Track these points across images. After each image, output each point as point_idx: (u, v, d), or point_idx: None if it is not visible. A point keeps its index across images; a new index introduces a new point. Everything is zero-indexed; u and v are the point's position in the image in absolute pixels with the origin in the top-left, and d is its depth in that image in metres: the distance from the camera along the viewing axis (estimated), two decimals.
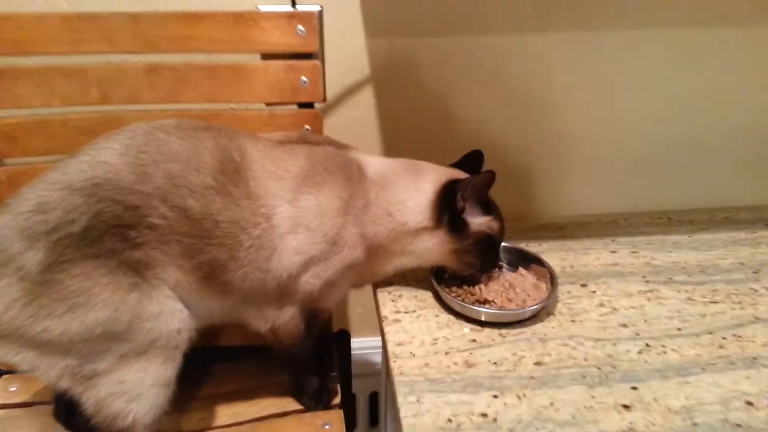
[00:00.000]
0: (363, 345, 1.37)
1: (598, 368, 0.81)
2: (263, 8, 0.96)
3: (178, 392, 0.84)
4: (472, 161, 0.96)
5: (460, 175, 0.93)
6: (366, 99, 1.15)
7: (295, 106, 1.01)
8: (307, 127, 1.01)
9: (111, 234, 0.75)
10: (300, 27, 0.95)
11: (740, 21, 1.13)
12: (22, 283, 0.72)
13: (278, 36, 0.96)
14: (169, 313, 0.79)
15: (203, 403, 1.02)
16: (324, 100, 1.03)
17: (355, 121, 1.15)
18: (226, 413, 1.00)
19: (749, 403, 0.75)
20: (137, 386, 0.79)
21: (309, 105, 1.01)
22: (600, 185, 1.26)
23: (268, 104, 1.01)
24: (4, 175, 0.97)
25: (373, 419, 1.55)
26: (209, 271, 0.80)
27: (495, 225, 0.92)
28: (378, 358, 1.43)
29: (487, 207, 0.92)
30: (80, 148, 0.90)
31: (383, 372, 1.24)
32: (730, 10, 1.11)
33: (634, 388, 0.77)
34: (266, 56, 0.99)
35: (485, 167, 0.95)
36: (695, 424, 0.72)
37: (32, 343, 0.74)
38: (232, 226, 0.79)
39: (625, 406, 0.74)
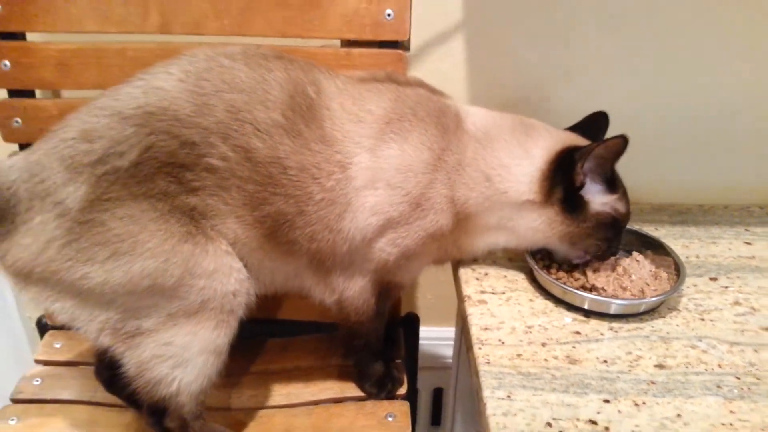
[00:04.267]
0: (430, 335, 1.29)
1: (737, 377, 0.70)
2: None
3: (228, 365, 0.80)
4: (593, 125, 0.86)
5: (579, 141, 0.82)
6: (457, 49, 1.05)
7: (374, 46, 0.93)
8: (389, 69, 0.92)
9: (164, 173, 0.70)
10: None
11: None
12: (61, 220, 0.68)
13: None
14: (226, 271, 0.74)
15: (255, 380, 1.00)
16: (407, 47, 0.94)
17: (442, 76, 1.04)
18: (279, 393, 0.97)
19: None
20: (185, 351, 0.75)
21: (392, 45, 0.93)
22: (732, 170, 1.12)
23: (344, 42, 0.93)
24: (56, 108, 0.94)
25: (435, 418, 1.48)
26: (273, 227, 0.75)
27: (621, 206, 0.81)
28: (445, 351, 1.35)
29: (613, 183, 0.80)
30: None
31: (454, 365, 1.18)
32: None
33: None
34: None
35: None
36: None
37: (71, 290, 0.70)
38: (302, 174, 0.73)
39: None
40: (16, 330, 1.34)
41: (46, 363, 1.03)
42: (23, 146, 0.96)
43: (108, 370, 0.87)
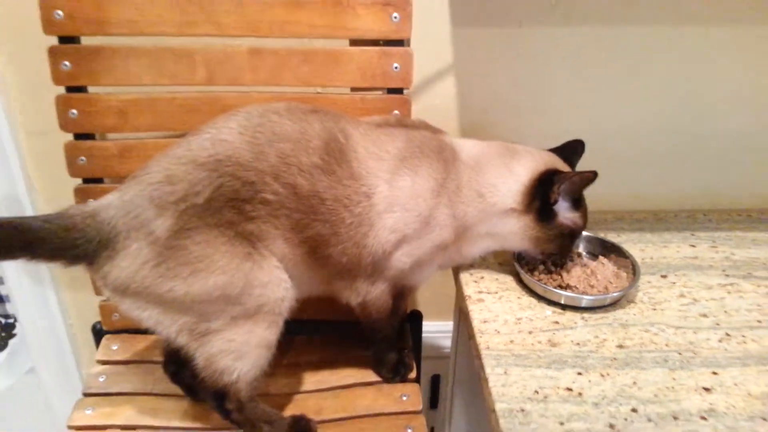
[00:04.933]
0: (428, 328, 1.43)
1: (679, 353, 0.89)
2: None
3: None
4: (571, 149, 1.05)
5: (557, 162, 1.01)
6: (447, 88, 1.22)
7: (383, 91, 1.12)
8: (396, 111, 1.11)
9: (230, 206, 0.86)
10: (395, 14, 1.05)
11: None
12: (153, 246, 0.84)
13: (373, 22, 1.06)
14: (276, 282, 0.91)
15: (288, 371, 1.16)
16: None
17: (435, 110, 1.22)
18: (309, 380, 1.14)
19: None
20: (244, 346, 0.91)
21: (397, 90, 1.11)
22: (678, 180, 1.33)
23: (354, 89, 1.12)
24: (116, 148, 1.11)
25: (433, 402, 1.66)
26: (313, 245, 0.92)
27: (580, 221, 1.01)
28: (442, 342, 1.53)
29: (578, 202, 1.00)
30: (184, 124, 1.05)
31: (452, 354, 1.34)
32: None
33: (715, 373, 0.86)
34: (355, 42, 1.10)
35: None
36: None
37: (158, 301, 0.87)
38: (336, 204, 0.90)
39: (706, 389, 0.83)
40: (60, 336, 1.51)
41: (105, 362, 1.19)
42: (87, 180, 1.13)
43: (174, 365, 1.05)
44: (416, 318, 1.30)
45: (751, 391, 0.83)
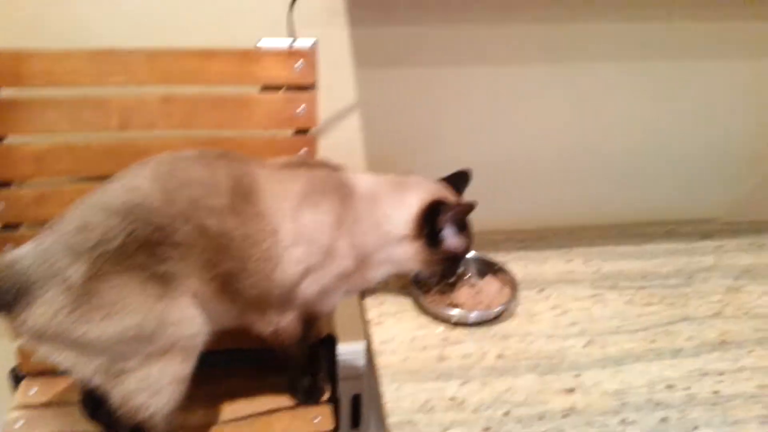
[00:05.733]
0: (345, 350, 1.46)
1: (549, 360, 1.02)
2: (265, 45, 1.15)
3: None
4: (459, 178, 1.16)
5: (445, 192, 1.12)
6: (352, 125, 1.32)
7: (291, 131, 1.20)
8: (304, 149, 1.20)
9: (142, 250, 0.92)
10: (299, 62, 1.15)
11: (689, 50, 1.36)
12: (68, 293, 0.88)
13: (279, 70, 1.15)
14: (189, 319, 0.95)
15: (205, 402, 1.16)
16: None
17: (342, 146, 1.32)
18: (226, 410, 1.16)
19: (670, 386, 0.97)
20: (158, 382, 0.94)
21: (304, 131, 1.20)
22: (559, 200, 1.48)
23: (265, 129, 1.20)
24: (32, 195, 1.14)
25: (355, 421, 1.72)
26: (224, 281, 0.98)
27: (464, 245, 1.12)
28: (360, 362, 1.59)
29: (463, 228, 1.11)
30: (100, 169, 1.09)
31: (366, 374, 1.43)
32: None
33: (578, 376, 0.99)
34: (266, 88, 1.18)
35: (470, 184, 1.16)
36: (624, 404, 0.93)
37: (73, 344, 0.90)
38: (245, 242, 0.98)
39: (569, 390, 0.96)
40: None
41: (25, 407, 1.17)
42: (6, 226, 1.15)
43: (92, 403, 1.08)
44: (330, 342, 1.36)
45: (607, 390, 0.96)
